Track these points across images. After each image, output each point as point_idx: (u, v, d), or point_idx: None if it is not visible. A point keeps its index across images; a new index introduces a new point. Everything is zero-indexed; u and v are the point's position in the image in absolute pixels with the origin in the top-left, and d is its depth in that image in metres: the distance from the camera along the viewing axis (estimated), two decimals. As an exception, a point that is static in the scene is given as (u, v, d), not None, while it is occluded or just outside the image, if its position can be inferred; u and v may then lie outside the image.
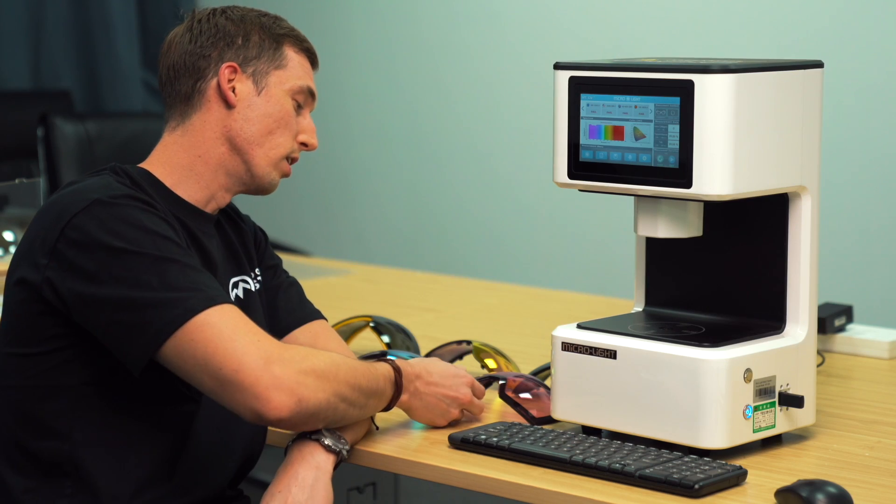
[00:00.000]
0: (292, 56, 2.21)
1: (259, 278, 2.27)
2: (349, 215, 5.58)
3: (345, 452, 2.08)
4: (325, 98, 5.55)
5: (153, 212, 2.02)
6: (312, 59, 2.26)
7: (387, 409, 2.14)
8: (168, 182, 2.14)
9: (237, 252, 2.23)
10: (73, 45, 5.73)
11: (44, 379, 2.02)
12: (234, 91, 2.15)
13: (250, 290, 2.23)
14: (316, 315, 2.33)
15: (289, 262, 2.41)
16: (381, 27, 5.41)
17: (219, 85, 2.14)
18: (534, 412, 2.30)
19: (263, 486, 2.07)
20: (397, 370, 2.13)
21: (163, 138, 2.18)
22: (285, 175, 2.22)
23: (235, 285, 2.21)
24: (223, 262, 2.19)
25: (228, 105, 2.15)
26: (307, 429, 2.03)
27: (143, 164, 2.16)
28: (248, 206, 2.68)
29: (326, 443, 2.05)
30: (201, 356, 1.91)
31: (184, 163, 2.15)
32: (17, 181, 3.73)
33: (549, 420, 2.26)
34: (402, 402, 2.16)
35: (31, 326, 2.02)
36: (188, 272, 1.95)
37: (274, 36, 2.19)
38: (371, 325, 2.69)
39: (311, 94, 2.24)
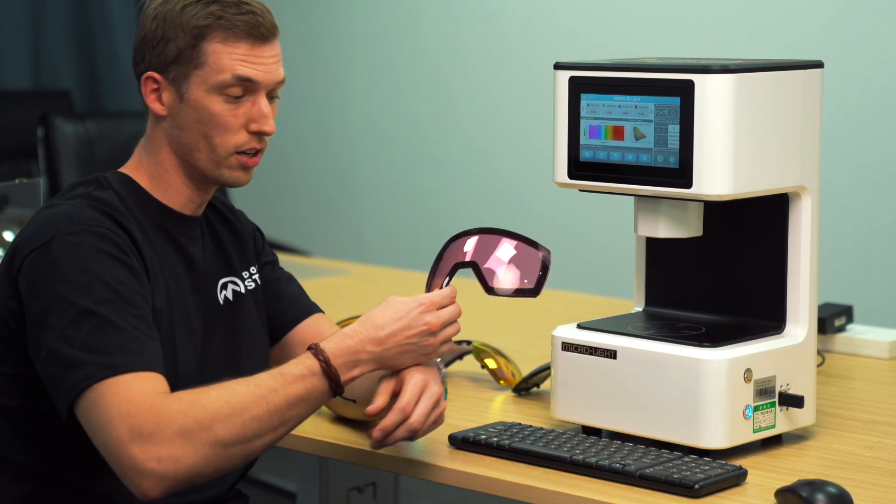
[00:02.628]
0: (214, 49, 2.04)
1: (255, 276, 2.25)
2: (349, 215, 5.58)
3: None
4: (326, 98, 5.58)
5: (108, 249, 1.97)
6: (252, 34, 2.06)
7: (335, 394, 2.00)
8: (148, 188, 2.11)
9: (227, 252, 2.21)
10: (73, 45, 5.73)
11: (23, 400, 2.02)
12: (161, 100, 2.08)
13: (240, 291, 2.20)
14: (314, 309, 2.33)
15: (289, 262, 2.41)
16: (381, 27, 5.41)
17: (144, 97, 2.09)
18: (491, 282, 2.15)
19: (263, 485, 2.08)
20: (323, 359, 1.98)
21: (140, 140, 2.16)
22: (247, 167, 2.09)
23: (224, 286, 2.18)
24: (211, 264, 2.17)
25: (160, 115, 2.09)
26: (201, 482, 1.94)
27: (128, 168, 2.13)
28: (248, 206, 2.67)
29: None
30: (90, 429, 1.91)
31: (151, 169, 2.11)
32: (17, 181, 3.72)
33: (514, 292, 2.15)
34: (362, 373, 2.02)
35: (4, 348, 2.02)
36: (106, 331, 1.91)
37: (193, 31, 2.04)
38: (371, 325, 2.69)
39: (246, 80, 2.05)
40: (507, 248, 2.14)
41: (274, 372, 1.96)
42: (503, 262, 2.14)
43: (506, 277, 2.13)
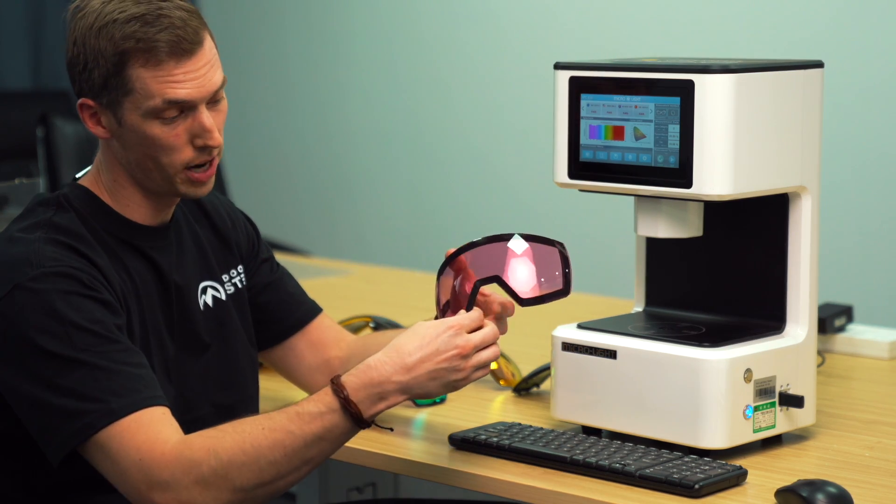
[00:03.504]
0: (139, 74, 1.94)
1: (241, 277, 2.20)
2: (349, 215, 5.58)
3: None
4: (326, 98, 5.58)
5: (76, 288, 1.91)
6: (175, 53, 1.94)
7: (362, 428, 1.92)
8: (109, 202, 2.04)
9: (206, 255, 2.16)
10: (73, 45, 5.73)
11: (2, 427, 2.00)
12: (101, 124, 2.00)
13: (220, 298, 2.15)
14: (317, 309, 2.32)
15: (289, 262, 2.41)
16: (381, 27, 5.41)
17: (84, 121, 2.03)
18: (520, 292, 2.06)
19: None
20: (343, 396, 1.89)
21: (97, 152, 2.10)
22: (200, 181, 2.02)
23: (204, 291, 2.14)
24: (189, 270, 2.11)
25: (103, 139, 2.02)
26: None
27: (89, 181, 2.06)
28: (248, 205, 2.67)
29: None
30: (104, 474, 1.89)
31: (109, 185, 2.05)
32: (17, 181, 3.73)
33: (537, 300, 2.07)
34: (390, 405, 1.93)
35: None
36: (97, 376, 1.87)
37: (114, 58, 1.95)
38: (371, 325, 2.69)
39: (179, 102, 1.95)
40: (520, 251, 2.06)
41: (291, 412, 1.89)
42: (524, 268, 2.06)
43: (529, 281, 2.05)
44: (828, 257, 2.57)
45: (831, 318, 2.78)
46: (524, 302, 2.05)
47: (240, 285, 2.21)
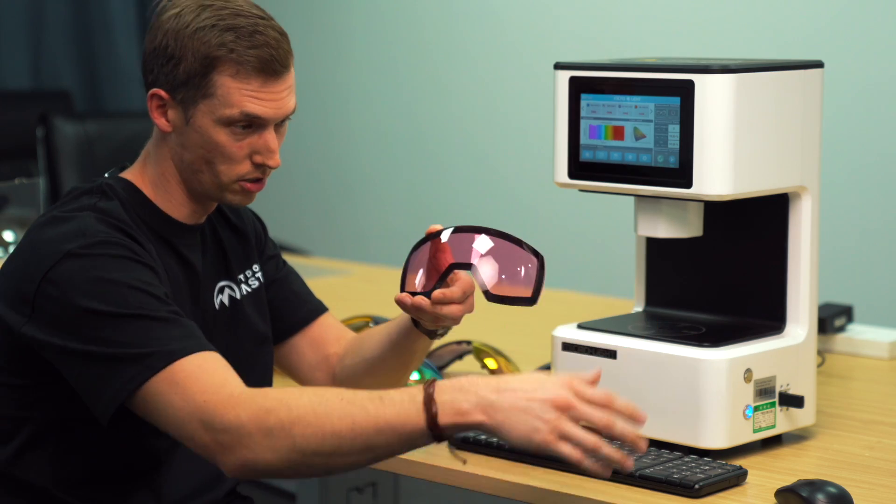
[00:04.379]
0: (224, 82, 1.99)
1: (257, 275, 2.23)
2: (349, 215, 5.58)
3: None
4: (326, 98, 5.58)
5: (126, 254, 1.95)
6: (264, 71, 2.00)
7: (435, 439, 1.77)
8: (151, 196, 2.08)
9: (226, 255, 2.18)
10: (73, 45, 5.73)
11: (25, 411, 2.01)
12: (166, 117, 2.03)
13: (235, 297, 2.17)
14: (322, 308, 2.33)
15: (289, 261, 2.40)
16: (381, 27, 5.41)
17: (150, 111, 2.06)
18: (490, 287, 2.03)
19: (263, 486, 2.07)
20: (429, 391, 1.77)
21: (147, 143, 2.12)
22: (249, 192, 2.06)
23: (221, 290, 2.16)
24: (210, 268, 2.15)
25: (164, 132, 2.05)
26: (283, 477, 1.90)
27: (132, 173, 2.10)
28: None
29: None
30: (160, 419, 1.88)
31: (155, 179, 2.08)
32: (17, 181, 3.73)
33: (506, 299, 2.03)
34: (467, 423, 1.75)
35: (11, 361, 2.00)
36: (153, 326, 1.88)
37: (205, 60, 1.99)
38: (371, 325, 2.69)
39: (256, 117, 2.00)
40: (485, 249, 2.04)
41: (375, 393, 1.80)
42: (493, 265, 2.04)
43: (496, 279, 2.03)
44: (828, 257, 2.57)
45: (831, 318, 2.78)
46: (490, 296, 2.03)
47: (256, 284, 2.23)
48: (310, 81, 5.56)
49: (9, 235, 3.87)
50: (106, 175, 2.12)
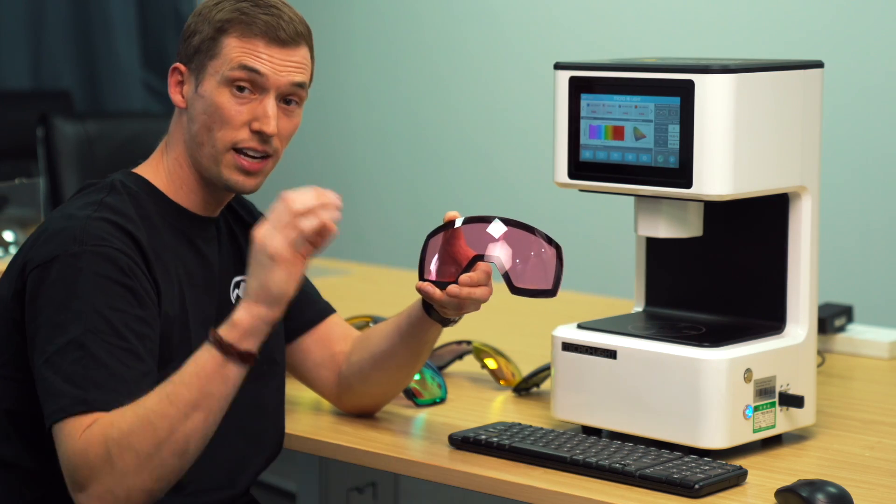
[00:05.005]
0: (230, 42, 2.05)
1: None
2: (349, 215, 5.56)
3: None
4: (326, 98, 5.58)
5: (110, 273, 1.95)
6: (268, 34, 2.05)
7: (239, 359, 1.90)
8: (164, 188, 2.11)
9: (241, 251, 2.19)
10: (73, 45, 5.73)
11: (28, 405, 2.02)
12: (182, 92, 2.09)
13: None
14: (329, 309, 2.33)
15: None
16: (381, 27, 5.41)
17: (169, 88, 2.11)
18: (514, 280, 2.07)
19: (263, 486, 2.07)
20: (210, 335, 1.90)
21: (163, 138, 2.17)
22: (245, 169, 2.07)
23: (237, 285, 2.18)
24: (226, 263, 2.17)
25: (180, 108, 2.10)
26: (160, 496, 1.92)
27: (146, 169, 2.13)
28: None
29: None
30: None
31: (169, 166, 2.12)
32: (17, 181, 3.73)
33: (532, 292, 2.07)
34: (252, 315, 1.90)
35: (16, 355, 2.02)
36: (88, 364, 1.90)
37: (216, 24, 2.06)
38: (371, 324, 2.69)
39: (253, 71, 2.04)
40: (501, 233, 2.07)
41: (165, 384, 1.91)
42: (516, 257, 2.06)
43: (521, 272, 2.06)
44: (828, 257, 2.57)
45: (831, 318, 2.78)
46: (513, 289, 2.06)
47: None
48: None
49: (9, 235, 3.87)
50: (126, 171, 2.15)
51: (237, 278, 2.18)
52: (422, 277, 2.10)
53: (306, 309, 2.30)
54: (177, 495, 2.02)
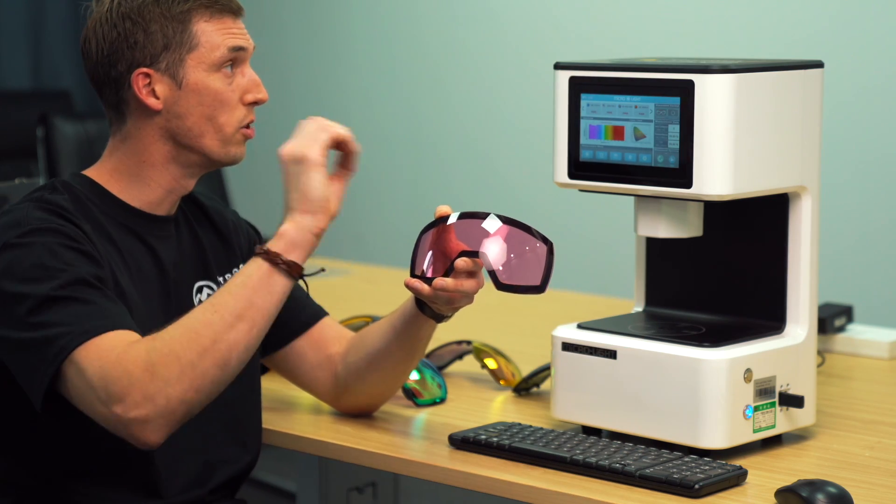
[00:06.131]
0: (203, 28, 2.07)
1: None
2: (349, 215, 5.57)
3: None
4: (326, 98, 5.58)
5: (59, 240, 1.95)
6: (231, 9, 2.10)
7: (288, 274, 1.97)
8: (115, 190, 2.09)
9: (205, 254, 2.18)
10: (73, 45, 5.72)
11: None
12: (155, 94, 2.07)
13: None
14: (322, 313, 2.32)
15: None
16: (381, 27, 5.41)
17: (137, 94, 2.07)
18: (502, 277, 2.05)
19: (263, 485, 2.07)
20: (257, 247, 1.97)
21: (109, 142, 2.14)
22: (249, 137, 2.13)
23: (199, 290, 2.16)
24: (187, 265, 2.15)
25: (154, 110, 2.08)
26: (197, 409, 1.92)
27: (92, 171, 2.12)
28: (248, 205, 2.67)
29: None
30: (76, 400, 1.90)
31: (130, 169, 2.10)
32: (17, 181, 3.72)
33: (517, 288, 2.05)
34: (300, 227, 2.00)
35: None
36: (71, 307, 1.89)
37: (177, 16, 2.06)
38: (371, 325, 2.69)
39: (240, 49, 2.09)
40: (495, 229, 2.05)
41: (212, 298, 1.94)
42: (504, 253, 2.04)
43: (507, 267, 2.04)
44: (828, 257, 2.57)
45: (831, 318, 2.78)
46: (499, 284, 2.04)
47: None
48: (310, 81, 5.57)
49: (9, 235, 3.86)
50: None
51: (199, 283, 2.17)
52: (413, 273, 2.10)
53: (299, 313, 2.29)
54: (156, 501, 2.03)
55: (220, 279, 2.19)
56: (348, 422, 2.31)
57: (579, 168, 2.20)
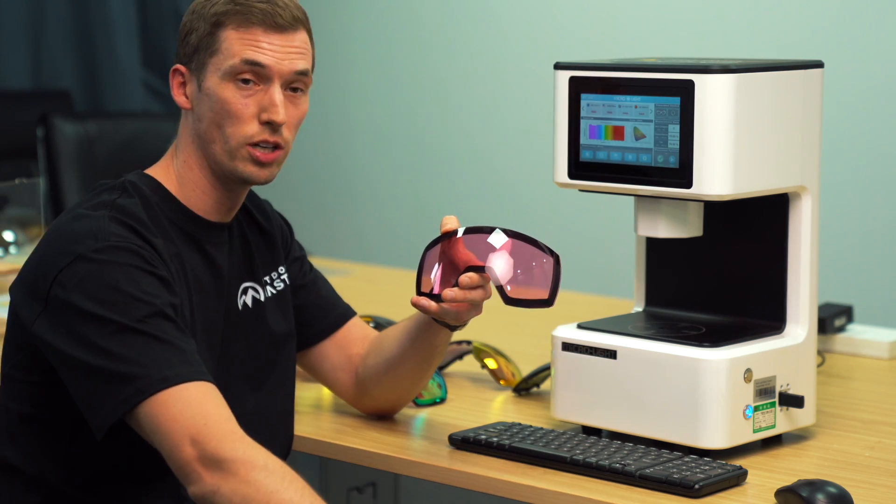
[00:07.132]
0: (228, 35, 2.03)
1: (283, 277, 2.21)
2: (349, 215, 5.58)
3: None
4: (326, 98, 5.58)
5: (136, 262, 1.94)
6: (265, 22, 2.03)
7: None
8: (176, 191, 2.08)
9: (252, 256, 2.18)
10: (73, 45, 5.73)
11: (39, 409, 2.01)
12: (185, 93, 2.07)
13: (259, 299, 2.16)
14: (350, 313, 2.32)
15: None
16: (381, 27, 5.41)
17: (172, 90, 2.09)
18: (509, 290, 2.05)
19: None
20: None
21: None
22: (259, 161, 2.05)
23: (244, 291, 2.16)
24: (235, 268, 2.14)
25: (186, 109, 2.08)
26: None
27: (157, 169, 2.10)
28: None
29: None
30: (151, 436, 1.88)
31: (179, 170, 2.09)
32: (17, 181, 3.72)
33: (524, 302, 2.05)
34: None
35: (26, 358, 2.00)
36: (152, 345, 1.88)
37: (211, 19, 2.04)
38: (371, 325, 2.69)
39: (256, 65, 2.02)
40: (501, 244, 2.05)
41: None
42: (513, 268, 2.04)
43: (516, 282, 2.03)
44: (828, 257, 2.57)
45: (831, 318, 2.78)
46: (507, 299, 2.04)
47: (282, 286, 2.21)
48: (310, 81, 5.56)
49: (9, 235, 3.86)
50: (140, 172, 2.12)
51: (245, 284, 2.16)
52: (419, 291, 2.09)
53: (327, 314, 2.29)
54: None
55: (265, 279, 2.19)
56: (349, 422, 2.31)
57: (579, 168, 2.20)
